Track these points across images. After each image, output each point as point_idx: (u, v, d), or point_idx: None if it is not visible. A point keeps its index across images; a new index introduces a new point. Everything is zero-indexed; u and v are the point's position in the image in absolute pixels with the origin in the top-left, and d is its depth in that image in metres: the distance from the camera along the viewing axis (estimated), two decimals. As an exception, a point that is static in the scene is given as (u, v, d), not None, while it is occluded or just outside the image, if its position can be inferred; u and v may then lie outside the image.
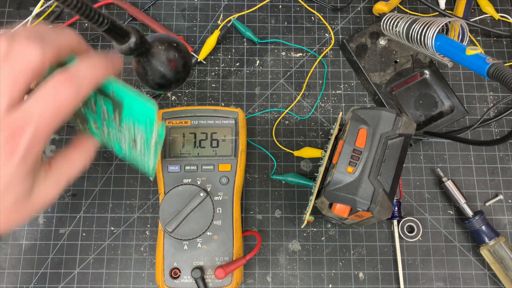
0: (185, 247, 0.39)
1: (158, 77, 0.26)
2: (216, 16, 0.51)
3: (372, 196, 0.32)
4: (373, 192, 0.32)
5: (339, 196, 0.33)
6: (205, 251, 0.39)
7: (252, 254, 0.39)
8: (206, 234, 0.39)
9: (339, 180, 0.34)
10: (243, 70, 0.49)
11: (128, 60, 0.49)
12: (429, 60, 0.47)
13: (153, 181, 0.45)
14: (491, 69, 0.33)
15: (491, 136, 0.47)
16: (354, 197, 0.33)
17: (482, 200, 0.45)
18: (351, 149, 0.34)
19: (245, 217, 0.45)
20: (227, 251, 0.39)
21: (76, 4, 0.19)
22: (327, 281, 0.43)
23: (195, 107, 0.42)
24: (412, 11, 0.51)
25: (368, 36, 0.48)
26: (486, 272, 0.43)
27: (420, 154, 0.47)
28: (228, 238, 0.39)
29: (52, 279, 0.42)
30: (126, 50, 0.24)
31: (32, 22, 0.47)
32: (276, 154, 0.46)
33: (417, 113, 0.46)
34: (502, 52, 0.50)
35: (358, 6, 0.52)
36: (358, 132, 0.34)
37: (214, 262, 0.38)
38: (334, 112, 0.48)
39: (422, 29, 0.39)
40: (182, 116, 0.41)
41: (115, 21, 0.22)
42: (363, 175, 0.33)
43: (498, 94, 0.49)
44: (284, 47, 0.50)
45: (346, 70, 0.49)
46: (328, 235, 0.44)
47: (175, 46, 0.27)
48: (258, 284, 0.43)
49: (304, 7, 0.51)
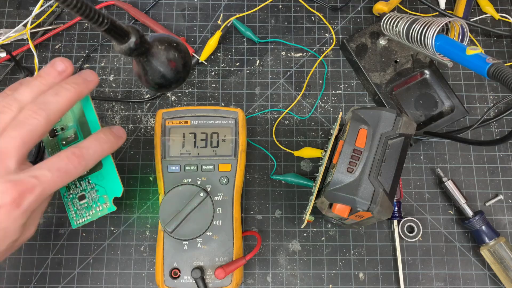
0: (185, 247, 0.39)
1: (158, 77, 0.26)
2: (216, 16, 0.51)
3: (372, 196, 0.32)
4: (373, 192, 0.32)
5: (339, 196, 0.33)
6: (205, 251, 0.39)
7: (252, 254, 0.39)
8: (206, 234, 0.39)
9: (339, 180, 0.34)
10: (243, 70, 0.49)
11: (128, 60, 0.49)
12: (429, 60, 0.47)
13: (153, 181, 0.45)
14: (491, 69, 0.33)
15: (491, 136, 0.47)
16: (354, 197, 0.32)
17: (482, 200, 0.45)
18: (351, 149, 0.34)
19: (245, 217, 0.44)
20: (227, 251, 0.39)
21: (76, 4, 0.19)
22: (327, 281, 0.43)
23: (195, 107, 0.42)
24: (412, 11, 0.51)
25: (368, 36, 0.48)
26: (486, 272, 0.43)
27: (420, 154, 0.47)
28: (228, 238, 0.39)
29: (52, 279, 0.42)
30: (126, 50, 0.24)
31: (32, 22, 0.47)
32: (276, 154, 0.46)
33: (417, 113, 0.46)
34: (502, 52, 0.50)
35: (358, 6, 0.52)
36: (358, 132, 0.34)
37: (214, 262, 0.38)
38: (334, 112, 0.48)
39: (422, 29, 0.39)
40: (182, 116, 0.41)
41: (115, 21, 0.22)
42: (363, 175, 0.33)
43: (498, 94, 0.49)
44: (284, 47, 0.50)
45: (346, 70, 0.49)
46: (328, 235, 0.44)
47: (175, 46, 0.27)
48: (258, 284, 0.43)
49: (304, 7, 0.51)
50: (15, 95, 0.30)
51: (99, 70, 0.48)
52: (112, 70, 0.49)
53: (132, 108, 0.47)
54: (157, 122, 0.41)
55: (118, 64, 0.49)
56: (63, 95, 0.30)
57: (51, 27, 0.49)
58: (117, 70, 0.49)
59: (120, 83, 0.48)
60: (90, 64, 0.49)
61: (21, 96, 0.29)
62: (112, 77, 0.48)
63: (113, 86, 0.48)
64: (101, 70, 0.48)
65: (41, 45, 0.49)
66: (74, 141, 0.40)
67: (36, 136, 0.29)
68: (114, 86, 0.48)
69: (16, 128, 0.28)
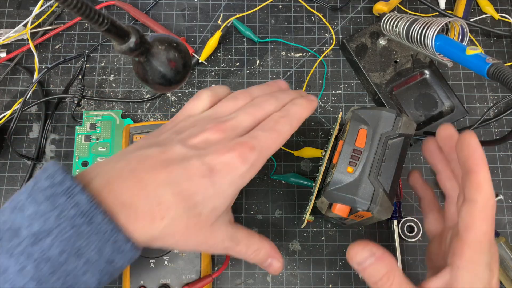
0: (152, 265, 0.38)
1: (158, 77, 0.26)
2: (216, 16, 0.51)
3: (372, 196, 0.32)
4: (373, 192, 0.32)
5: (339, 196, 0.33)
6: (172, 269, 0.38)
7: (219, 272, 0.39)
8: (172, 252, 0.39)
9: (339, 180, 0.34)
10: (243, 70, 0.49)
11: (128, 60, 0.49)
12: (429, 60, 0.47)
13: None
14: (491, 69, 0.33)
15: (491, 136, 0.47)
16: (354, 197, 0.32)
17: (482, 200, 0.45)
18: (351, 149, 0.34)
19: (245, 217, 0.45)
20: (194, 269, 0.38)
21: (76, 4, 0.19)
22: (327, 281, 0.43)
23: (162, 121, 0.43)
24: (412, 11, 0.51)
25: (368, 36, 0.48)
26: (486, 272, 0.43)
27: (420, 154, 0.47)
28: (196, 256, 0.39)
29: None
30: (126, 50, 0.24)
31: (32, 22, 0.47)
32: (276, 154, 0.46)
33: (417, 113, 0.46)
34: (502, 52, 0.50)
35: (358, 6, 0.52)
36: (358, 132, 0.34)
37: (181, 280, 0.38)
38: (334, 112, 0.48)
39: (422, 29, 0.39)
40: (150, 131, 0.41)
41: (115, 21, 0.22)
42: (363, 175, 0.33)
43: (498, 94, 0.49)
44: (284, 47, 0.50)
45: (346, 70, 0.49)
46: (328, 235, 0.44)
47: (175, 46, 0.27)
48: (258, 284, 0.43)
49: (304, 7, 0.51)
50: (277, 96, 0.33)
51: (99, 70, 0.48)
52: (112, 70, 0.49)
53: (132, 108, 0.47)
54: (124, 137, 0.41)
55: (118, 64, 0.49)
56: (301, 108, 0.33)
57: (51, 27, 0.49)
58: (117, 70, 0.49)
59: (120, 83, 0.48)
60: (90, 64, 0.49)
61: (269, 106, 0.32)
62: (112, 77, 0.48)
63: (113, 86, 0.48)
64: (101, 70, 0.49)
65: (41, 45, 0.49)
66: (105, 153, 0.43)
67: (281, 141, 0.31)
68: (114, 86, 0.48)
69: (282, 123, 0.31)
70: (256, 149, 0.29)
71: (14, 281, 0.22)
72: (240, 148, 0.28)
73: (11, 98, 0.47)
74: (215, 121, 0.30)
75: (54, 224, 0.23)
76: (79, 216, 0.24)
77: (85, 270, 0.24)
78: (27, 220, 0.23)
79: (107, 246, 0.24)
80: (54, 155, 0.46)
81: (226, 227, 0.30)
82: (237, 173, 0.28)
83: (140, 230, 0.26)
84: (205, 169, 0.27)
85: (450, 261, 0.28)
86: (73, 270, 0.24)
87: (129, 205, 0.26)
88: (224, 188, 0.28)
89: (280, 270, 0.32)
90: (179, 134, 0.30)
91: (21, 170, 0.45)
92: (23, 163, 0.45)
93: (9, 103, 0.47)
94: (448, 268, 0.28)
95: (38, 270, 0.23)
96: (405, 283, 0.28)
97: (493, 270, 0.27)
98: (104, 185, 0.26)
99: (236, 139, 0.29)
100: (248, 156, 0.28)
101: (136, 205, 0.26)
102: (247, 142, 0.29)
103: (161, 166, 0.27)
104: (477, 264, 0.27)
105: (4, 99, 0.47)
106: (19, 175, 0.45)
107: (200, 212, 0.27)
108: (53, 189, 0.24)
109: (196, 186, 0.27)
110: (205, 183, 0.27)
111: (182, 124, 0.31)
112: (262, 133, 0.30)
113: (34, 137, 0.46)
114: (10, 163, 0.45)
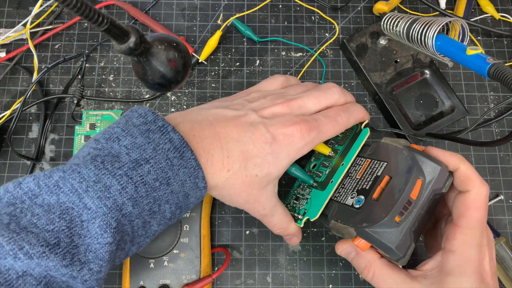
0: (151, 266, 0.38)
1: (158, 77, 0.26)
2: (216, 16, 0.51)
3: (407, 249, 0.31)
4: (408, 246, 0.31)
5: (374, 239, 0.31)
6: (171, 270, 0.38)
7: (219, 272, 0.39)
8: (172, 252, 0.38)
9: (382, 223, 0.31)
10: (243, 70, 0.49)
11: (128, 60, 0.49)
12: (429, 60, 0.47)
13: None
14: (492, 69, 0.32)
15: (492, 136, 0.47)
16: (391, 247, 0.31)
17: (483, 200, 0.45)
18: (406, 200, 0.31)
19: (245, 217, 0.44)
20: (194, 269, 0.38)
21: (76, 4, 0.19)
22: (327, 282, 0.43)
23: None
24: (412, 10, 0.51)
25: (368, 35, 0.48)
26: (486, 273, 0.43)
27: (420, 154, 0.46)
28: (195, 256, 0.39)
29: None
30: (125, 49, 0.23)
31: (32, 22, 0.47)
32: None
33: (417, 113, 0.46)
34: (503, 52, 0.50)
35: (358, 6, 0.52)
36: (416, 183, 0.32)
37: (181, 280, 0.38)
38: (334, 112, 0.48)
39: (422, 29, 0.39)
40: None
41: (115, 20, 0.22)
42: (405, 227, 0.31)
43: (499, 94, 0.49)
44: (284, 47, 0.50)
45: (346, 70, 0.49)
46: (328, 235, 0.44)
47: (175, 45, 0.26)
48: (258, 284, 0.43)
49: (304, 7, 0.51)
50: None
51: (98, 70, 0.48)
52: (112, 70, 0.48)
53: (132, 108, 0.47)
54: None
55: (118, 64, 0.49)
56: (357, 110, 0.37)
57: (50, 27, 0.49)
58: (117, 70, 0.48)
59: (120, 83, 0.48)
60: (89, 64, 0.49)
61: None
62: (112, 77, 0.48)
63: (113, 86, 0.48)
64: (101, 70, 0.48)
65: (41, 44, 0.49)
66: None
67: (336, 131, 0.34)
68: (114, 86, 0.48)
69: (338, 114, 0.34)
70: (315, 130, 0.32)
71: (116, 197, 0.25)
72: (302, 124, 0.31)
73: (10, 98, 0.47)
74: (284, 98, 0.34)
75: (151, 154, 0.26)
76: (172, 150, 0.27)
77: (167, 199, 0.27)
78: (125, 149, 0.26)
79: (189, 180, 0.28)
80: (53, 155, 0.46)
81: (272, 196, 0.33)
82: (294, 147, 0.31)
83: (212, 175, 0.29)
84: (269, 136, 0.31)
85: (443, 245, 0.31)
86: (160, 197, 0.27)
87: (208, 150, 0.29)
88: (281, 157, 0.31)
89: (296, 243, 0.38)
90: (251, 102, 0.34)
91: (21, 170, 0.45)
92: (22, 163, 0.45)
93: (8, 103, 0.47)
94: (441, 251, 0.31)
95: (136, 192, 0.26)
96: (389, 271, 0.32)
97: (484, 251, 0.30)
98: (189, 130, 0.30)
99: (300, 116, 0.32)
100: (307, 133, 0.31)
101: (212, 153, 0.29)
102: (309, 121, 0.32)
103: (233, 126, 0.31)
104: (468, 246, 0.29)
105: (3, 99, 0.47)
106: (18, 175, 0.45)
107: (256, 173, 0.31)
108: (147, 126, 0.28)
109: (258, 150, 0.30)
110: (266, 149, 0.31)
111: (254, 94, 0.35)
112: (323, 118, 0.33)
113: (33, 137, 0.46)
114: (9, 163, 0.45)
